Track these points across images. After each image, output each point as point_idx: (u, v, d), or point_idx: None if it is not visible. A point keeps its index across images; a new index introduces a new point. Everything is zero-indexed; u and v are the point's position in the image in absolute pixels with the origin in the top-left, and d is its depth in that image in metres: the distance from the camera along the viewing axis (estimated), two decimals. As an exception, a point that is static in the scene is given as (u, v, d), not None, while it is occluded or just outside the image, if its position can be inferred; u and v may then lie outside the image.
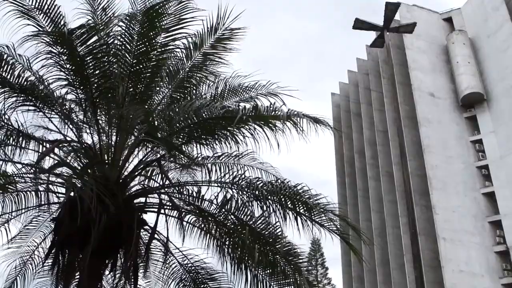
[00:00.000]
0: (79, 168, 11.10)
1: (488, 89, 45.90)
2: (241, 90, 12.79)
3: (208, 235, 11.90)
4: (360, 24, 15.42)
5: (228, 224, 11.48)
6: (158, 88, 12.48)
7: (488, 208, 42.11)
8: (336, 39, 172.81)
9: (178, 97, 12.76)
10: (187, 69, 12.67)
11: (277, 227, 10.90)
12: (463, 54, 47.69)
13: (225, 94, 12.93)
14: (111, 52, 11.36)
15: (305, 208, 10.74)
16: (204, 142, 11.65)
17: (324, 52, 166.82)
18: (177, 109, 10.81)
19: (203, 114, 10.10)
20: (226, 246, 11.63)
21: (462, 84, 46.25)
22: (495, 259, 40.04)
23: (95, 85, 11.10)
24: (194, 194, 11.54)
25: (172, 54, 12.47)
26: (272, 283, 11.52)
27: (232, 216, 11.24)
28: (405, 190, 14.73)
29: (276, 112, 9.69)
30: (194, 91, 12.97)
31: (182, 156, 11.61)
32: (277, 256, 11.20)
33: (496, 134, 43.79)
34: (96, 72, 11.03)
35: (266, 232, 11.13)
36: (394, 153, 44.68)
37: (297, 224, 10.63)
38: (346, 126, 54.40)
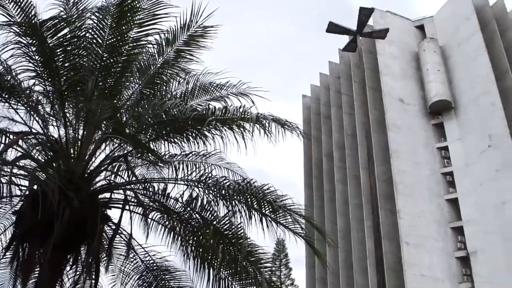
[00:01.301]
0: (43, 161, 10.96)
1: (456, 97, 46.69)
2: (212, 89, 12.79)
3: (172, 233, 11.87)
4: (333, 28, 15.54)
5: (193, 222, 11.47)
6: (128, 83, 12.39)
7: (451, 214, 42.84)
8: (310, 41, 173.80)
9: (148, 93, 12.70)
10: (159, 65, 12.61)
11: (240, 228, 10.93)
12: (434, 61, 48.42)
13: (196, 92, 12.91)
14: (82, 45, 11.25)
15: (270, 209, 10.79)
16: (173, 140, 11.63)
17: (297, 54, 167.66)
18: (146, 106, 10.78)
19: (173, 114, 10.08)
20: (190, 244, 11.60)
21: (431, 91, 46.95)
22: (456, 265, 40.77)
23: (64, 77, 10.98)
24: (160, 192, 11.51)
25: (144, 50, 12.40)
26: (234, 283, 11.55)
27: (197, 215, 11.24)
28: (371, 194, 14.89)
29: (246, 114, 9.74)
30: (164, 88, 12.92)
31: (148, 153, 11.55)
32: (240, 256, 11.22)
33: (462, 142, 44.58)
34: (66, 64, 10.92)
35: (230, 232, 11.14)
36: (362, 157, 45.15)
37: (262, 225, 10.68)
38: (316, 128, 54.73)
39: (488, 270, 38.78)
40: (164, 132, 11.33)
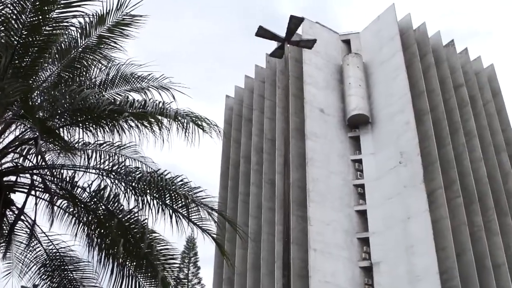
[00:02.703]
0: None
1: (374, 113, 48.17)
2: (133, 80, 12.57)
3: (78, 222, 11.55)
4: (263, 32, 15.68)
5: (99, 213, 11.20)
6: (46, 65, 11.94)
7: (359, 225, 44.08)
8: (239, 44, 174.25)
9: (67, 77, 12.31)
10: (80, 49, 12.24)
11: (145, 223, 10.77)
12: (356, 76, 49.74)
13: (116, 81, 12.65)
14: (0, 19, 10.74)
15: (182, 204, 10.72)
16: (88, 129, 11.31)
17: (226, 55, 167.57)
18: (64, 91, 10.43)
19: (90, 103, 9.80)
20: (95, 235, 11.34)
21: (351, 104, 48.19)
22: (359, 274, 42.01)
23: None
24: (68, 179, 11.16)
25: (67, 32, 12.00)
26: (139, 277, 11.39)
27: (104, 206, 10.99)
28: (284, 199, 15.08)
29: (164, 110, 9.64)
30: (84, 73, 12.56)
31: (56, 139, 11.14)
32: (146, 251, 11.07)
33: (375, 156, 46.05)
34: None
35: (136, 226, 10.97)
36: (279, 162, 45.72)
37: (171, 220, 10.59)
38: (236, 130, 54.88)
39: (388, 281, 40.27)
40: (79, 120, 11.01)
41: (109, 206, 10.90)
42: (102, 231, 11.30)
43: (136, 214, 10.79)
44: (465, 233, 39.16)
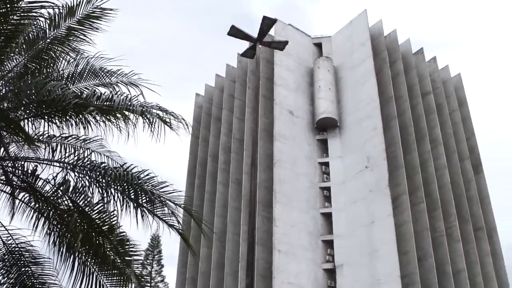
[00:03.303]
0: None
1: (343, 117, 48.52)
2: (102, 74, 12.40)
3: (40, 216, 11.32)
4: (235, 32, 15.66)
5: (62, 207, 11.00)
6: (12, 55, 11.68)
7: (324, 227, 44.33)
8: (211, 44, 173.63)
9: (34, 68, 12.07)
10: (48, 40, 12.02)
11: (113, 216, 10.64)
12: (326, 80, 50.01)
13: (85, 75, 12.46)
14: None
15: (147, 199, 10.60)
16: (53, 121, 11.11)
17: (198, 54, 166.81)
18: (29, 82, 10.22)
19: (56, 96, 9.62)
20: (57, 230, 11.13)
21: (320, 107, 48.42)
22: (322, 276, 42.25)
23: None
24: (30, 172, 10.94)
25: (35, 22, 11.76)
26: (100, 274, 11.22)
27: (68, 200, 10.80)
28: (250, 199, 15.07)
29: (131, 106, 9.53)
30: (51, 65, 12.33)
31: (18, 131, 10.90)
32: (109, 247, 10.92)
33: (342, 160, 46.38)
34: None
35: (100, 221, 10.81)
36: (246, 162, 45.67)
37: (136, 215, 10.47)
38: (205, 128, 54.68)
39: (351, 283, 40.61)
40: (44, 112, 10.80)
41: (74, 198, 10.71)
42: (64, 226, 11.10)
43: (102, 209, 10.63)
44: (427, 239, 39.76)
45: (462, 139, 48.48)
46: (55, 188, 10.81)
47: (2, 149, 10.77)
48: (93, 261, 11.17)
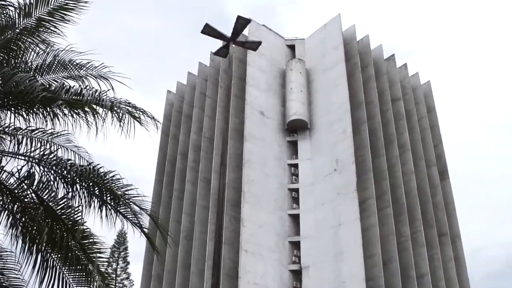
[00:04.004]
0: None
1: (313, 119, 48.73)
2: (71, 66, 12.20)
3: (3, 210, 11.06)
4: (209, 30, 15.59)
5: (26, 200, 10.77)
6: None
7: (291, 229, 44.45)
8: (185, 42, 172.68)
9: (1, 58, 11.81)
10: (18, 30, 11.78)
11: (78, 212, 10.46)
12: (298, 82, 50.16)
13: (54, 67, 12.25)
14: None
15: (111, 197, 10.46)
16: (20, 113, 10.88)
17: (171, 52, 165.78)
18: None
19: (23, 88, 9.41)
20: (21, 224, 10.90)
21: (291, 109, 48.56)
22: (288, 277, 42.37)
23: None
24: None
25: (4, 11, 11.52)
26: (64, 269, 11.02)
27: (32, 193, 10.58)
28: (218, 198, 15.01)
29: (101, 100, 9.38)
30: (20, 56, 12.09)
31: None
32: (73, 242, 10.73)
33: (312, 162, 46.58)
34: None
35: (65, 216, 10.62)
36: (216, 161, 45.51)
37: (101, 213, 10.32)
38: (175, 126, 54.34)
39: (316, 285, 40.80)
40: (11, 103, 10.57)
41: (38, 192, 10.50)
42: (27, 220, 10.88)
43: (66, 204, 10.44)
44: (392, 243, 40.21)
45: (429, 145, 49.17)
46: (19, 181, 10.58)
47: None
48: (56, 256, 10.96)
